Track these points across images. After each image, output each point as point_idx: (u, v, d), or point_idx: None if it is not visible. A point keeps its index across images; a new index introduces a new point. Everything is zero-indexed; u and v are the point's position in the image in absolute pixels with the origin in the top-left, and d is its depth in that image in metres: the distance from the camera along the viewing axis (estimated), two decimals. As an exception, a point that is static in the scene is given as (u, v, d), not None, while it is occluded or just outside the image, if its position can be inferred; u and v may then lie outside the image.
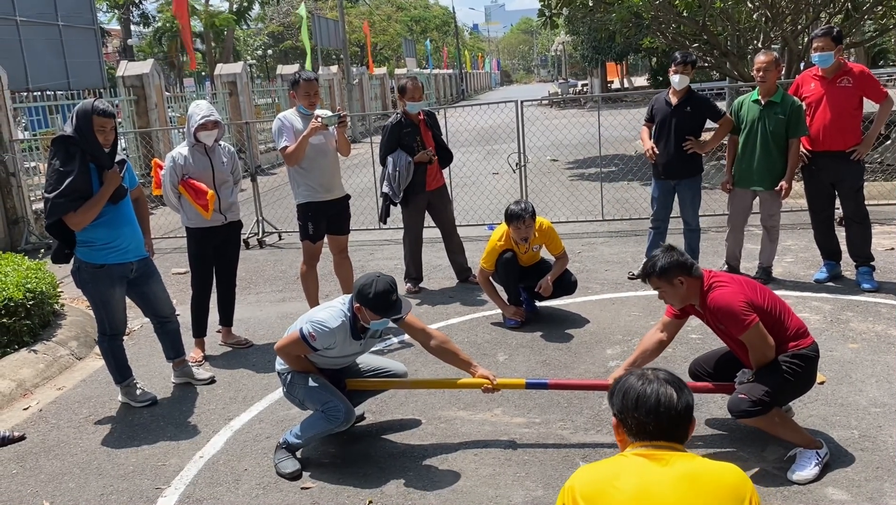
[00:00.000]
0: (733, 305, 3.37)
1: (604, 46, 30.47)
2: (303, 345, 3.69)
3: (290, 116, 5.52)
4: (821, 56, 5.62)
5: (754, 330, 3.36)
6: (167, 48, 38.86)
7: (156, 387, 4.93)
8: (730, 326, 3.43)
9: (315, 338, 3.65)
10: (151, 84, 13.52)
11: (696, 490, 1.99)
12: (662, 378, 2.17)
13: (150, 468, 3.93)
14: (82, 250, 4.42)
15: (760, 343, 3.40)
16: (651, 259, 3.56)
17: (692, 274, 3.49)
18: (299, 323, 3.79)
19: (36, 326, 5.61)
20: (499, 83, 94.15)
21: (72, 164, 4.19)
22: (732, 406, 3.44)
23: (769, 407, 3.39)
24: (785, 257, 6.69)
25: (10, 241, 9.94)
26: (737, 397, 3.43)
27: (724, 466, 2.12)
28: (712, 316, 3.51)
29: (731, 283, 3.50)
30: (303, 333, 3.67)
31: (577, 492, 2.03)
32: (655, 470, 2.04)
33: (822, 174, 5.81)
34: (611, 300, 6.03)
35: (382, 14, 53.94)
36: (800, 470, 3.37)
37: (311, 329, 3.65)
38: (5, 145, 10.01)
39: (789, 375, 3.43)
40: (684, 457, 2.09)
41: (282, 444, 3.85)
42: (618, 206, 9.16)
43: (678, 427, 2.13)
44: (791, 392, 3.54)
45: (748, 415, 3.40)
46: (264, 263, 8.32)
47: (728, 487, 2.03)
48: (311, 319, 3.70)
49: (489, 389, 3.85)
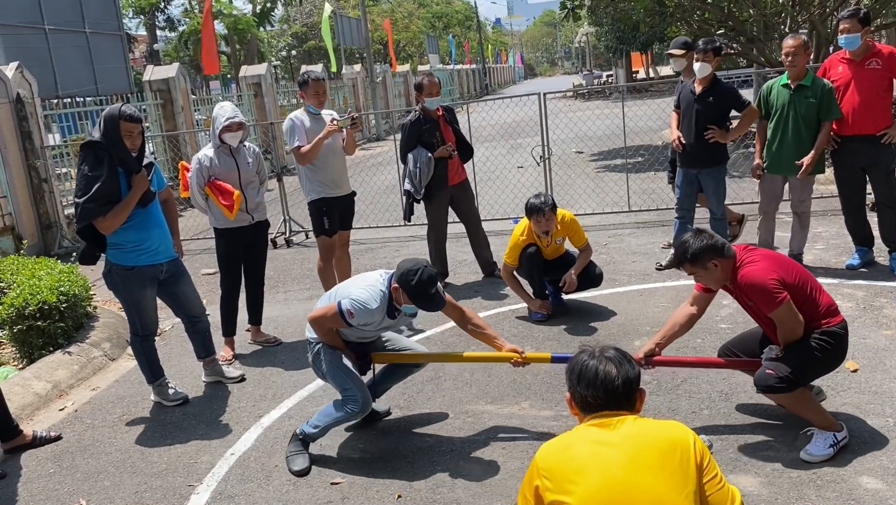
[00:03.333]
0: (765, 282, 3.33)
1: (628, 36, 30.21)
2: (339, 319, 3.70)
3: (300, 116, 5.60)
4: (847, 38, 5.52)
5: (784, 307, 3.33)
6: (193, 52, 39.27)
7: (187, 386, 5.00)
8: (760, 303, 3.40)
9: (353, 315, 3.66)
10: (177, 87, 13.68)
11: (641, 445, 2.18)
12: (606, 355, 2.35)
13: (183, 466, 3.99)
14: (113, 252, 4.49)
15: (790, 320, 3.36)
16: (682, 245, 3.51)
17: (725, 255, 3.44)
18: (336, 296, 3.78)
19: (70, 328, 5.71)
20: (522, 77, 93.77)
21: (100, 169, 4.25)
22: (759, 381, 3.42)
23: (795, 385, 3.37)
24: (816, 244, 6.59)
25: (44, 246, 10.12)
26: (764, 372, 3.40)
27: (667, 422, 2.32)
28: (742, 292, 3.47)
29: (762, 259, 3.45)
30: (341, 309, 3.67)
31: (538, 466, 2.24)
32: (603, 434, 2.23)
33: (853, 158, 5.70)
34: (638, 292, 5.98)
35: (404, 11, 53.94)
36: (813, 449, 3.36)
37: (349, 306, 3.65)
38: (37, 152, 10.19)
39: (818, 351, 3.40)
40: (628, 420, 2.26)
41: (298, 434, 3.87)
42: (644, 196, 9.08)
43: (619, 400, 2.30)
44: (819, 370, 3.51)
45: (773, 391, 3.39)
46: (291, 261, 8.39)
47: (670, 439, 2.20)
48: (350, 296, 3.68)
49: (519, 363, 3.83)
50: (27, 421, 4.73)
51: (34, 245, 9.73)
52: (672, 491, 2.11)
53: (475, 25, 64.99)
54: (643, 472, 2.13)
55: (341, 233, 5.94)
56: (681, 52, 6.38)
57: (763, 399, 3.97)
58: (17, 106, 10.04)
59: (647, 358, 3.70)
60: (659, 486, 2.11)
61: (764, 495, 3.18)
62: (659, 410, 3.99)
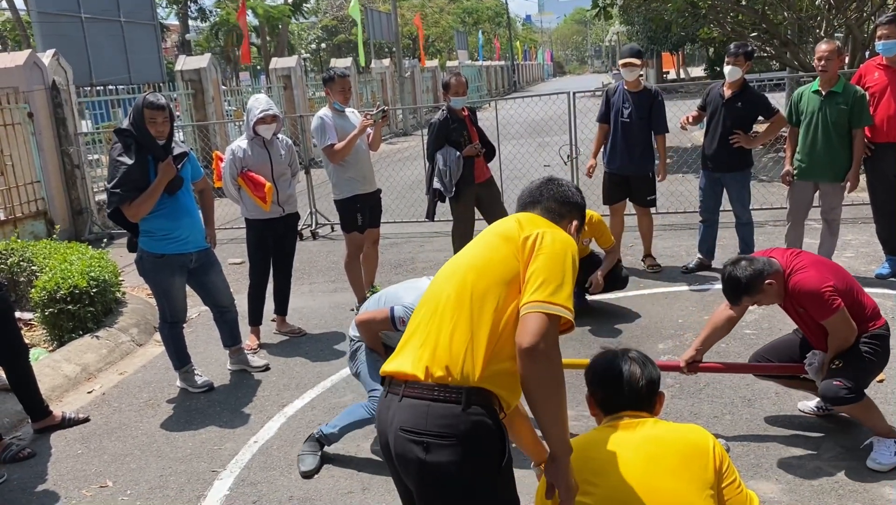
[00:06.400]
0: (820, 289, 3.31)
1: (659, 37, 29.87)
2: (390, 324, 3.69)
3: (329, 114, 5.63)
4: (885, 44, 5.45)
5: (840, 315, 3.31)
6: (224, 42, 39.62)
7: (212, 373, 5.07)
8: (813, 311, 3.37)
9: (405, 323, 3.61)
10: (209, 78, 13.82)
11: (661, 448, 2.18)
12: (630, 356, 2.37)
13: (207, 452, 4.06)
14: (144, 240, 4.57)
15: (844, 328, 3.35)
16: (730, 282, 3.42)
17: (774, 270, 3.40)
18: (386, 301, 3.77)
19: (99, 312, 5.82)
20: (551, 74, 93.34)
21: (128, 156, 4.32)
22: (829, 393, 3.37)
23: (863, 393, 3.36)
24: (845, 252, 6.51)
25: (75, 231, 10.30)
26: (832, 385, 3.35)
27: (686, 425, 2.32)
28: (794, 300, 3.43)
29: (811, 265, 3.42)
30: (393, 315, 3.64)
31: None
32: (623, 436, 2.23)
33: (885, 166, 5.63)
34: (664, 294, 5.96)
35: (434, 6, 53.92)
36: (880, 457, 3.33)
37: (402, 314, 3.62)
38: (71, 138, 10.36)
39: (871, 355, 3.40)
40: (648, 423, 2.27)
41: (315, 434, 3.85)
42: (672, 199, 9.01)
43: (642, 400, 2.31)
44: (873, 374, 3.50)
45: (845, 402, 3.35)
46: (317, 253, 8.45)
47: (690, 443, 2.20)
48: (402, 303, 3.66)
49: None
50: (56, 402, 4.83)
51: (65, 230, 9.90)
52: (691, 494, 2.11)
53: (505, 22, 64.77)
54: (662, 474, 2.13)
55: (371, 230, 5.98)
56: (638, 61, 6.28)
57: (785, 407, 3.96)
58: (53, 93, 10.21)
59: (690, 365, 3.70)
60: (678, 489, 2.11)
61: (784, 502, 3.17)
62: (681, 413, 3.98)
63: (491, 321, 2.05)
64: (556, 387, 1.98)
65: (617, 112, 6.33)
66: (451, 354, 2.04)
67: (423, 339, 2.12)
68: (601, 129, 6.50)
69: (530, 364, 1.95)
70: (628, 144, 6.30)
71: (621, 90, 6.34)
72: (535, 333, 1.94)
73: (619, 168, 6.44)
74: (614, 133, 6.35)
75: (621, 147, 6.33)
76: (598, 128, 6.53)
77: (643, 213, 6.60)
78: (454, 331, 2.06)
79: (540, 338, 1.94)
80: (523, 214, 2.30)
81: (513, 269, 2.09)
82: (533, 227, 2.17)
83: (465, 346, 2.04)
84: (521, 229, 2.16)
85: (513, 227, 2.19)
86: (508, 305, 2.06)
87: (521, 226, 2.18)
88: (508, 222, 2.25)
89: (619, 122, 6.30)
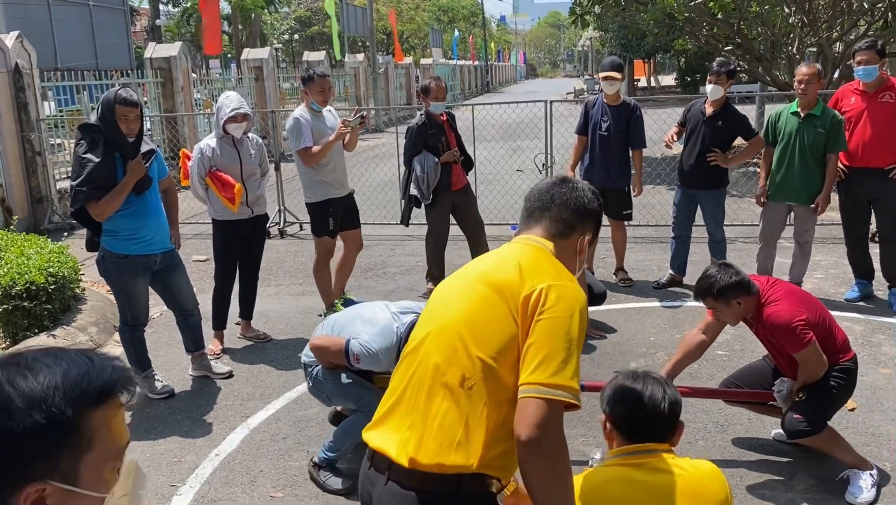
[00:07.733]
0: (792, 323, 3.30)
1: (632, 44, 30.12)
2: (343, 357, 3.44)
3: (305, 115, 5.48)
4: (865, 70, 5.47)
5: (810, 348, 3.30)
6: (195, 29, 38.96)
7: (173, 378, 4.91)
8: (785, 343, 3.36)
9: (360, 360, 3.41)
10: (179, 67, 13.50)
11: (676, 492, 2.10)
12: (651, 378, 2.32)
13: (166, 464, 3.90)
14: (107, 240, 4.40)
15: (815, 361, 3.34)
16: (707, 279, 3.42)
17: (750, 292, 3.38)
18: (342, 328, 3.54)
19: (56, 310, 5.60)
20: (524, 76, 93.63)
21: (95, 153, 4.16)
22: (790, 427, 3.37)
23: (824, 425, 3.35)
24: (814, 273, 6.55)
25: (35, 220, 9.97)
26: (792, 418, 3.36)
27: (705, 473, 2.21)
28: (767, 331, 3.43)
29: (786, 297, 3.41)
30: (349, 350, 3.40)
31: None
32: (639, 478, 2.15)
33: (860, 191, 5.67)
34: (635, 310, 5.93)
35: (410, 3, 53.71)
36: (858, 492, 3.30)
37: (357, 351, 3.38)
38: (33, 124, 10.03)
39: (836, 389, 3.40)
40: (665, 460, 2.19)
41: (319, 463, 3.63)
42: (644, 211, 9.01)
43: (664, 423, 2.24)
44: (836, 407, 3.50)
45: (805, 435, 3.35)
46: (285, 253, 8.29)
47: (707, 496, 2.13)
48: (359, 339, 3.40)
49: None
50: (8, 405, 4.62)
51: (24, 219, 9.57)
52: None
53: (480, 21, 64.79)
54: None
55: (352, 233, 5.86)
56: (619, 75, 6.18)
57: (759, 433, 3.94)
58: (15, 76, 9.87)
59: None
60: None
61: (758, 536, 3.13)
62: (653, 437, 3.93)
63: (488, 403, 1.81)
64: (557, 478, 1.75)
65: (595, 125, 6.28)
66: (442, 444, 1.81)
67: (410, 419, 1.88)
68: (579, 140, 6.44)
69: (529, 458, 1.73)
70: (605, 158, 6.25)
71: (600, 103, 6.29)
72: (534, 423, 1.71)
73: (596, 181, 6.39)
74: (592, 146, 6.30)
75: (599, 160, 6.28)
76: (577, 140, 6.47)
77: (617, 227, 6.57)
78: (445, 415, 1.82)
79: (539, 430, 1.70)
80: (524, 253, 1.98)
81: (510, 333, 1.84)
82: (535, 278, 1.87)
83: (458, 433, 1.80)
84: (522, 283, 1.87)
85: (512, 278, 1.89)
86: (508, 380, 1.82)
87: (522, 277, 1.88)
88: (507, 269, 1.93)
89: (598, 136, 6.25)
